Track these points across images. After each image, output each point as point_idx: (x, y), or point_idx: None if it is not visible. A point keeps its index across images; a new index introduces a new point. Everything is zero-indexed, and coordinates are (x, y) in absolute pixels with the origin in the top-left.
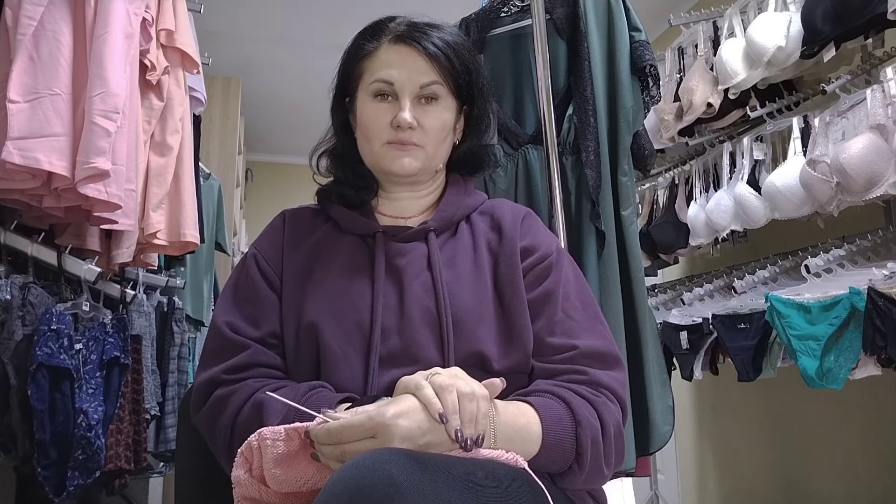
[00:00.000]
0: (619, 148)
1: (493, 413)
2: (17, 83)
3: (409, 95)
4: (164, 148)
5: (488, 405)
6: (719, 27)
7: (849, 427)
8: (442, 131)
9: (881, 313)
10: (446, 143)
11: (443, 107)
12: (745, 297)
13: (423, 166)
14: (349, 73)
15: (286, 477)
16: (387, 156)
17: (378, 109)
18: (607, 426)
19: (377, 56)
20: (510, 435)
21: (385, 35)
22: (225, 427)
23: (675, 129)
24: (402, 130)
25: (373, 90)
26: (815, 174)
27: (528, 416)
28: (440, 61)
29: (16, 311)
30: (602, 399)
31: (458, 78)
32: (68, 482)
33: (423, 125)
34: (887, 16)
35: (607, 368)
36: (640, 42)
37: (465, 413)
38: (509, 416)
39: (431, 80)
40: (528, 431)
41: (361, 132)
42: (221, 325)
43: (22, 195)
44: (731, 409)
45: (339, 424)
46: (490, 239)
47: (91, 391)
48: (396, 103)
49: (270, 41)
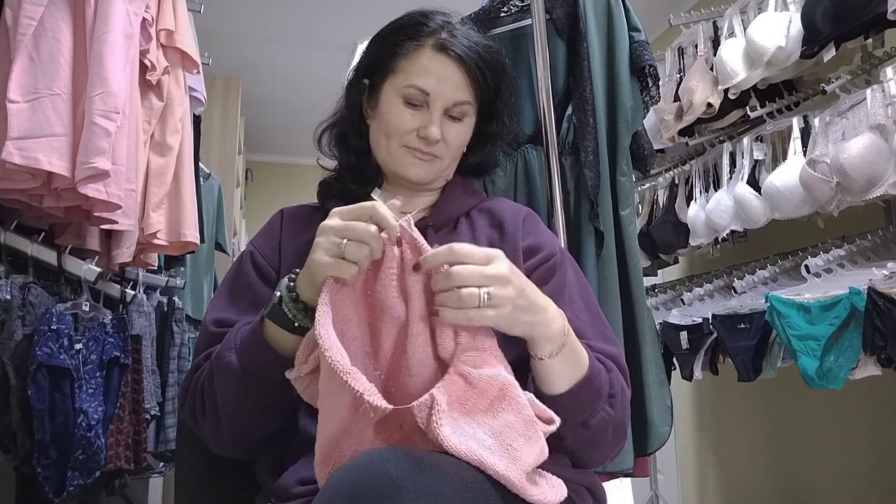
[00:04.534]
0: (618, 148)
1: (567, 328)
2: (17, 83)
3: (441, 109)
4: (164, 148)
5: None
6: (719, 27)
7: (849, 427)
8: (461, 147)
9: (881, 313)
10: (459, 155)
11: (466, 125)
12: (745, 297)
13: (436, 176)
14: (380, 62)
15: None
16: (405, 161)
17: (406, 114)
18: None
19: (417, 60)
20: (576, 349)
21: (428, 37)
22: (198, 394)
23: (675, 129)
24: (426, 143)
25: (405, 94)
26: (815, 174)
27: (581, 347)
28: (477, 81)
29: (16, 311)
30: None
31: (488, 99)
32: (68, 482)
33: (446, 140)
34: (887, 16)
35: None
36: (639, 42)
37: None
38: (573, 337)
39: (464, 100)
40: (581, 355)
41: (381, 127)
42: (208, 323)
43: (22, 195)
44: (731, 409)
45: (460, 246)
46: (490, 236)
47: (91, 391)
48: (426, 113)
49: (270, 41)
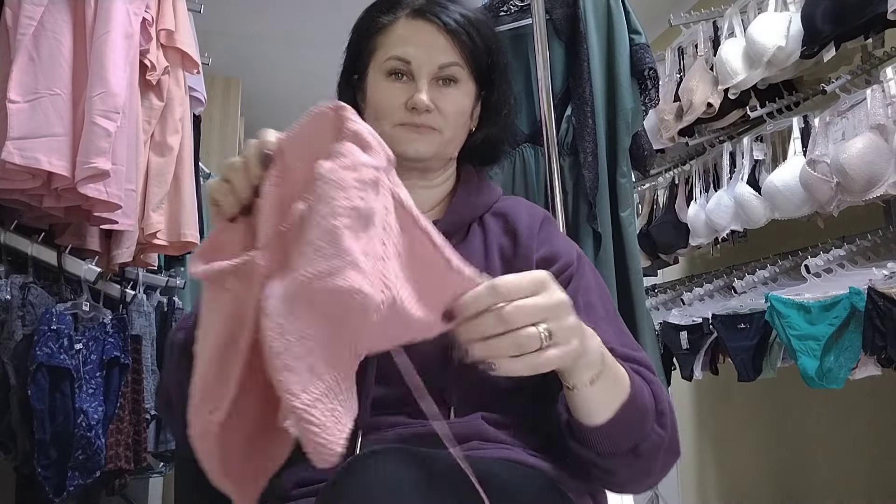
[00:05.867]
0: (617, 149)
1: (602, 347)
2: (17, 83)
3: (427, 76)
4: (164, 148)
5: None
6: (719, 27)
7: (849, 427)
8: (460, 116)
9: (881, 313)
10: (464, 128)
11: (462, 91)
12: (745, 297)
13: (437, 151)
14: (360, 48)
15: None
16: (400, 138)
17: (391, 89)
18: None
19: (392, 31)
20: (615, 369)
21: (402, 8)
22: (162, 388)
23: (675, 129)
24: (417, 113)
25: (386, 68)
26: (815, 174)
27: (618, 365)
28: (462, 39)
29: (16, 311)
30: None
31: (480, 59)
32: (68, 482)
33: (440, 108)
34: (887, 16)
35: None
36: (640, 45)
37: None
38: (610, 357)
39: (451, 61)
40: (620, 374)
41: (371, 113)
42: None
43: (22, 195)
44: (731, 409)
45: (503, 280)
46: (503, 245)
47: (91, 391)
48: (412, 84)
49: (270, 41)
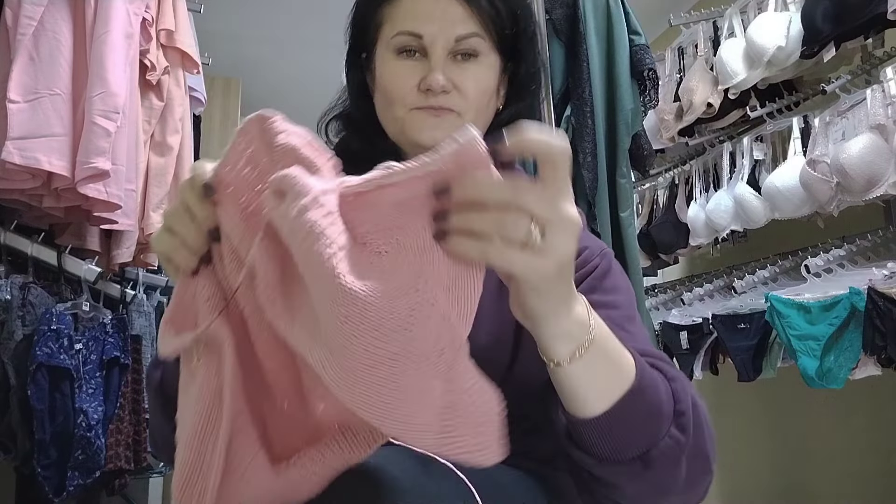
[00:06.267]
0: (617, 150)
1: (592, 321)
2: (17, 83)
3: (442, 51)
4: (164, 148)
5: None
6: (719, 27)
7: (849, 427)
8: (483, 95)
9: (881, 313)
10: (488, 109)
11: (484, 65)
12: (745, 297)
13: None
14: (365, 23)
15: None
16: (415, 124)
17: (402, 69)
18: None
19: (400, 2)
20: (610, 349)
21: None
22: (152, 430)
23: (675, 129)
24: (433, 95)
25: (396, 45)
26: (815, 174)
27: (621, 346)
28: (480, 5)
29: (16, 311)
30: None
31: (504, 28)
32: (68, 482)
33: (459, 87)
34: (887, 16)
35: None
36: (639, 46)
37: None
38: (606, 331)
39: (469, 32)
40: (622, 358)
41: (381, 96)
42: None
43: (22, 195)
44: (731, 409)
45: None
46: None
47: (91, 391)
48: (426, 61)
49: (270, 41)
